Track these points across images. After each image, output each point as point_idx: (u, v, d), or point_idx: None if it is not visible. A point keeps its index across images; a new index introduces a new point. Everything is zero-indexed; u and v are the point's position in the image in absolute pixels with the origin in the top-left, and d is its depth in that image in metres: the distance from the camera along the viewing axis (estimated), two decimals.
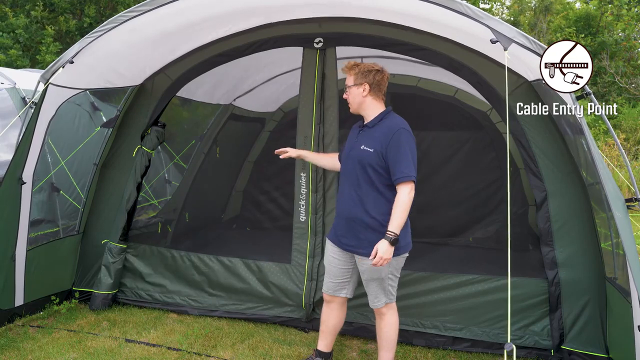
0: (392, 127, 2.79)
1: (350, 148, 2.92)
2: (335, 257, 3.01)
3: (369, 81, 2.83)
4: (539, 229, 3.45)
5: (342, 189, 2.95)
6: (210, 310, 4.03)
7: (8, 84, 5.25)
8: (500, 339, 3.43)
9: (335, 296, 3.08)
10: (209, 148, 5.77)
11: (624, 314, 2.75)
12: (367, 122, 2.90)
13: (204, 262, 4.06)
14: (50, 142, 4.52)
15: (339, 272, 3.02)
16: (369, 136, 2.83)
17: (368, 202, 2.79)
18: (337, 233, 2.97)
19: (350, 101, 2.88)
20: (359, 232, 2.82)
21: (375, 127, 2.85)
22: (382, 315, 2.98)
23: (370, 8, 3.51)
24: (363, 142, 2.83)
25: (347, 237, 2.88)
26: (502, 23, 2.79)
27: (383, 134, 2.78)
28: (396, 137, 2.74)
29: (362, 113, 2.91)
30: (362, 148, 2.81)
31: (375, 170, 2.77)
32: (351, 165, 2.86)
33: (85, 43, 3.47)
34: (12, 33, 11.89)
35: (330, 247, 3.05)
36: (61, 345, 3.49)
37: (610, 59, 15.67)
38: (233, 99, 5.84)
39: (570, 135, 3.24)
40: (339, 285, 3.05)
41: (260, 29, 3.94)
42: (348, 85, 2.87)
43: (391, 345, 3.00)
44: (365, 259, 2.81)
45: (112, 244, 4.15)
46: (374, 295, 2.94)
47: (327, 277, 3.10)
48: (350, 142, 2.98)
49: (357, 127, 3.01)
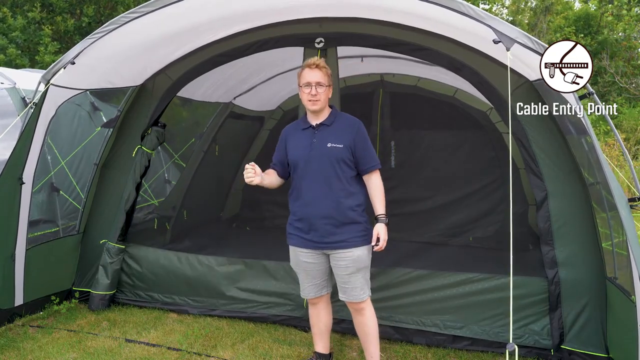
0: (353, 122, 2.97)
1: (310, 148, 2.90)
2: (310, 261, 2.98)
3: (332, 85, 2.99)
4: (539, 229, 3.45)
5: (309, 190, 2.90)
6: (210, 310, 4.03)
7: (8, 83, 5.24)
8: (500, 338, 3.43)
9: (320, 296, 3.10)
10: (208, 146, 5.77)
11: (626, 314, 2.75)
12: (322, 120, 2.95)
13: (202, 262, 4.06)
14: (50, 142, 4.52)
15: (317, 273, 3.02)
16: (332, 133, 2.91)
17: (344, 196, 2.87)
18: (310, 237, 2.92)
19: (322, 99, 2.89)
20: (342, 227, 2.86)
21: (334, 125, 2.94)
22: (362, 310, 2.99)
23: (371, 8, 3.51)
24: (327, 139, 2.88)
25: (328, 235, 2.87)
26: (504, 23, 2.79)
27: (347, 129, 2.92)
28: (361, 131, 2.94)
29: (322, 111, 2.95)
30: (329, 145, 2.87)
31: (347, 165, 2.88)
32: (319, 164, 2.87)
33: (87, 44, 3.47)
34: (10, 34, 11.86)
35: (301, 253, 2.99)
36: (61, 345, 3.48)
37: (610, 59, 15.67)
38: (233, 98, 5.84)
39: (574, 135, 3.24)
40: (320, 285, 3.07)
41: (261, 29, 3.94)
42: (322, 83, 2.86)
43: (376, 338, 3.05)
44: (351, 250, 2.87)
45: (111, 244, 4.15)
46: (359, 288, 2.94)
47: (305, 282, 3.07)
48: (303, 143, 2.94)
49: (301, 128, 3.00)
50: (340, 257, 2.90)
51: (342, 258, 2.90)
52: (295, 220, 2.99)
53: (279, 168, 3.08)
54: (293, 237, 3.01)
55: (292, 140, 3.02)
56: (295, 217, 2.99)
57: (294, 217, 3.00)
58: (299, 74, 2.94)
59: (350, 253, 2.87)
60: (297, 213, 2.97)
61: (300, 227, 2.95)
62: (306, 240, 2.95)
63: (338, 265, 2.93)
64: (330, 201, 2.86)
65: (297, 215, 2.97)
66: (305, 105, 2.94)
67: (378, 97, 6.10)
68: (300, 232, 2.96)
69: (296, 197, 2.97)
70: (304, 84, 2.88)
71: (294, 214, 3.00)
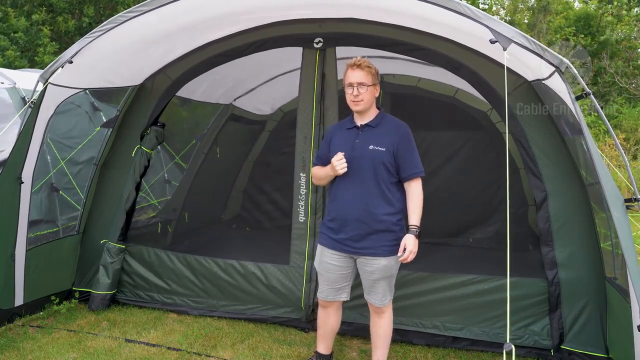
0: (399, 126, 2.90)
1: (352, 149, 2.86)
2: (334, 263, 2.94)
3: (378, 83, 2.91)
4: (539, 229, 3.45)
5: (345, 191, 2.85)
6: (210, 310, 4.03)
7: (8, 83, 5.25)
8: (500, 339, 3.43)
9: (334, 300, 3.06)
10: (209, 148, 5.78)
11: (624, 314, 2.75)
12: (367, 121, 2.90)
13: (202, 264, 4.05)
14: (49, 142, 4.52)
15: (338, 277, 2.97)
16: (376, 136, 2.85)
17: (380, 202, 2.81)
18: (339, 238, 2.88)
19: (366, 99, 2.83)
20: (373, 233, 2.81)
21: (379, 127, 2.88)
22: (383, 313, 2.98)
23: (370, 8, 3.51)
24: (370, 141, 2.83)
25: (358, 239, 2.83)
26: (501, 23, 2.79)
27: (391, 133, 2.85)
28: (406, 135, 2.86)
29: (367, 112, 2.90)
30: (371, 148, 2.81)
31: (387, 169, 2.81)
32: (359, 166, 2.82)
33: (85, 43, 3.47)
34: (11, 35, 11.86)
35: (327, 254, 2.95)
36: (61, 345, 3.48)
37: (610, 59, 15.67)
38: (233, 99, 5.84)
39: (570, 135, 3.24)
40: (339, 291, 3.02)
41: (260, 29, 3.94)
42: (364, 83, 2.80)
43: (388, 342, 3.03)
44: (378, 258, 2.82)
45: (111, 244, 4.15)
46: (381, 294, 2.92)
47: (324, 284, 3.02)
48: (345, 143, 2.89)
49: (346, 127, 2.96)
50: (367, 263, 2.87)
51: (368, 264, 2.87)
52: (328, 220, 2.96)
53: (323, 163, 3.00)
54: (323, 236, 2.98)
55: (336, 138, 2.96)
56: (328, 217, 2.96)
57: (328, 216, 2.98)
58: (344, 74, 2.89)
59: (378, 261, 2.83)
60: (331, 213, 2.95)
61: (332, 227, 2.91)
62: (334, 240, 2.90)
63: (364, 270, 2.91)
64: (365, 204, 2.80)
65: (331, 215, 2.93)
66: (349, 105, 2.89)
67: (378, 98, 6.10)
68: (331, 232, 2.92)
69: (333, 197, 2.94)
70: (347, 85, 2.84)
71: (329, 214, 2.98)
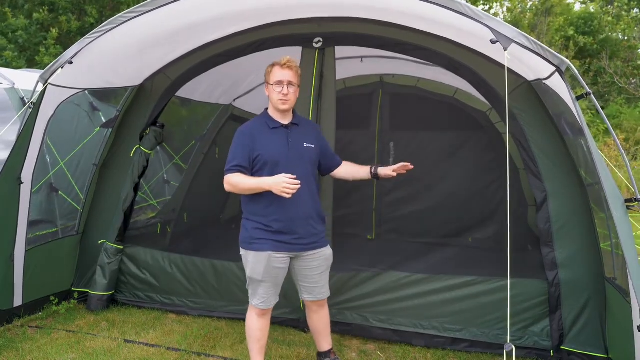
0: (314, 124, 3.23)
1: (288, 148, 2.81)
2: (281, 266, 2.85)
3: None
4: (539, 230, 3.44)
5: None
6: (209, 311, 4.03)
7: (7, 84, 5.24)
8: (499, 340, 3.42)
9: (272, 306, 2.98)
10: (209, 148, 5.78)
11: (624, 315, 2.74)
12: (291, 120, 2.92)
13: (201, 265, 4.04)
14: (49, 143, 4.52)
15: (281, 280, 2.92)
16: (303, 134, 2.92)
17: (318, 195, 3.00)
18: (288, 239, 2.79)
19: (293, 99, 2.85)
20: (316, 227, 2.91)
21: (302, 126, 2.97)
22: (324, 304, 3.08)
23: (369, 8, 3.51)
24: (302, 139, 2.89)
25: (309, 236, 2.87)
26: (502, 23, 2.78)
27: (312, 131, 3.03)
28: (320, 131, 3.19)
29: (289, 111, 2.91)
30: (305, 146, 2.89)
31: (316, 165, 3.00)
32: (298, 165, 2.81)
33: (85, 44, 3.47)
34: (10, 34, 11.83)
35: (275, 259, 2.81)
36: (60, 345, 3.48)
37: (609, 59, 15.67)
38: (233, 100, 5.84)
39: (570, 135, 3.23)
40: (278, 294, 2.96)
41: (259, 29, 3.94)
42: (293, 83, 2.82)
43: None
44: (323, 249, 2.95)
45: (109, 245, 4.14)
46: (325, 286, 3.03)
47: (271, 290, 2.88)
48: (279, 142, 2.82)
49: (270, 127, 2.84)
50: (314, 257, 2.91)
51: (315, 258, 2.91)
52: (270, 223, 2.79)
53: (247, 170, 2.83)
54: (266, 242, 2.79)
55: (264, 139, 2.81)
56: (268, 220, 2.79)
57: (265, 220, 2.80)
58: (268, 71, 2.86)
59: (323, 252, 2.95)
60: (272, 215, 2.78)
61: (278, 230, 2.78)
62: (284, 243, 2.80)
63: (310, 267, 2.91)
64: (313, 201, 2.89)
65: (273, 217, 2.78)
66: (274, 104, 2.83)
67: (377, 98, 6.10)
68: (278, 235, 2.79)
69: (270, 200, 2.75)
70: (275, 82, 2.79)
71: (267, 217, 2.80)
